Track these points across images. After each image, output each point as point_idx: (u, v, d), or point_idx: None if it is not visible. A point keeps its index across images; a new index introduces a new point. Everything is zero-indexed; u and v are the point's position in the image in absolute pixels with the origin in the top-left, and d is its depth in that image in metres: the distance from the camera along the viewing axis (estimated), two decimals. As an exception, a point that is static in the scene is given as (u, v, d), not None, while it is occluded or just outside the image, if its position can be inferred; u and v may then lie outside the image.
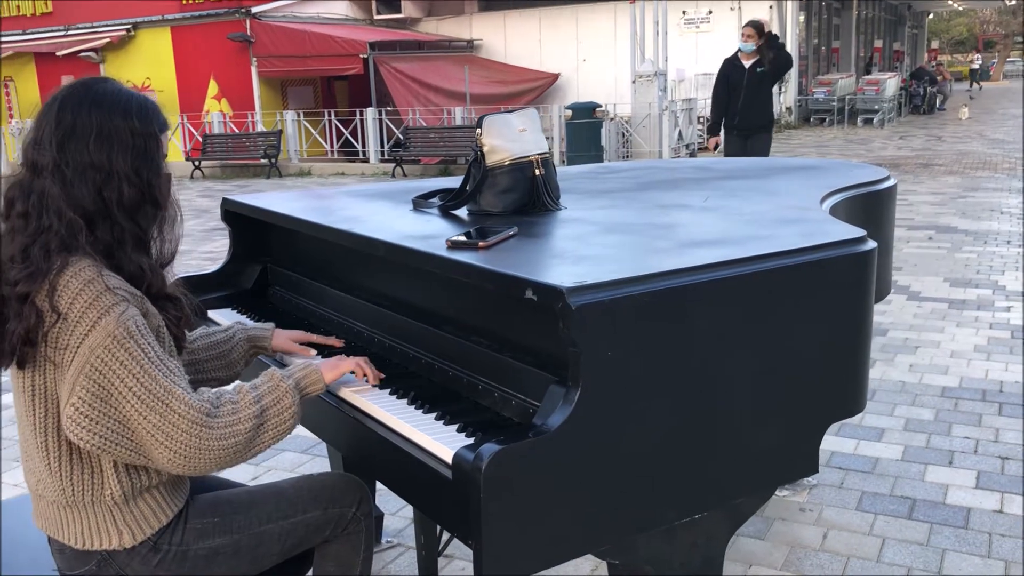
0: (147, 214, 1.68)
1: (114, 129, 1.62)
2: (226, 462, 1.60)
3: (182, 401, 1.55)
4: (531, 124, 2.23)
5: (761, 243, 1.78)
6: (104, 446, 1.54)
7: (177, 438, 1.54)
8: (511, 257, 1.71)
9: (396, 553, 2.99)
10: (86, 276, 1.55)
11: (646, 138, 15.46)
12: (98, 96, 1.64)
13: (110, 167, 1.61)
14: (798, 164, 3.29)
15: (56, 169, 1.59)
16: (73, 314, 1.53)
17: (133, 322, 1.55)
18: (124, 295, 1.57)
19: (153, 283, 1.68)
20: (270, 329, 2.10)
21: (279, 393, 1.68)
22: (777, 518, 3.13)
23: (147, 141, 1.66)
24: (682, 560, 1.66)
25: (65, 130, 1.60)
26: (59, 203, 1.58)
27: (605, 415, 1.45)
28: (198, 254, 8.44)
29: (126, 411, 1.53)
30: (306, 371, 1.75)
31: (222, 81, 19.93)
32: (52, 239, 1.56)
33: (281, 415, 1.67)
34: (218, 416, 1.58)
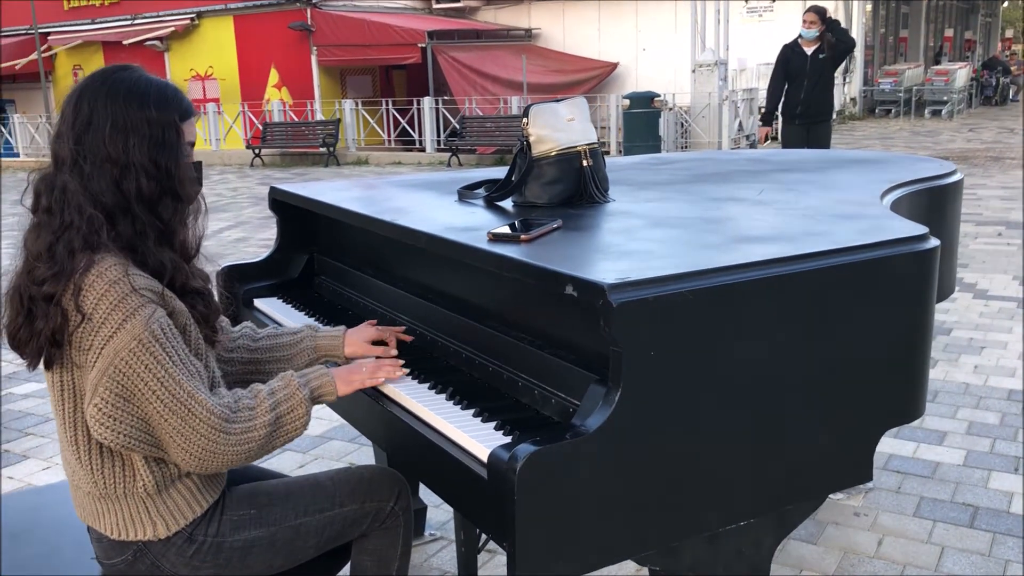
0: (168, 206, 1.63)
1: (129, 119, 1.58)
2: (237, 464, 1.62)
3: (203, 406, 1.55)
4: (580, 113, 2.17)
5: (816, 240, 1.70)
6: (127, 443, 1.54)
7: (195, 442, 1.55)
8: (553, 251, 1.66)
9: (439, 546, 2.97)
10: (111, 276, 1.52)
11: (705, 129, 15.24)
12: (114, 86, 1.60)
13: (127, 159, 1.57)
14: (858, 157, 3.18)
15: (75, 163, 1.57)
16: (98, 316, 1.51)
17: (159, 324, 1.53)
18: (150, 296, 1.55)
19: (176, 277, 1.64)
20: (340, 337, 1.97)
21: (294, 403, 1.68)
22: (830, 522, 3.03)
23: (165, 130, 1.61)
24: (726, 567, 1.60)
25: (82, 122, 1.58)
26: (79, 198, 1.55)
27: (646, 417, 1.39)
28: (255, 241, 8.54)
29: (148, 412, 1.53)
30: (322, 381, 1.75)
31: (283, 70, 20.17)
32: (75, 237, 1.54)
33: (294, 423, 1.68)
34: (235, 422, 1.59)
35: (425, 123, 17.93)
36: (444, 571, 2.82)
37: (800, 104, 7.37)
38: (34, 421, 4.32)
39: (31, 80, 23.54)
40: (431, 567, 2.85)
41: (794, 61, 7.35)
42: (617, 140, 15.19)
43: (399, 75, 21.82)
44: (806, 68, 7.30)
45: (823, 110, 7.48)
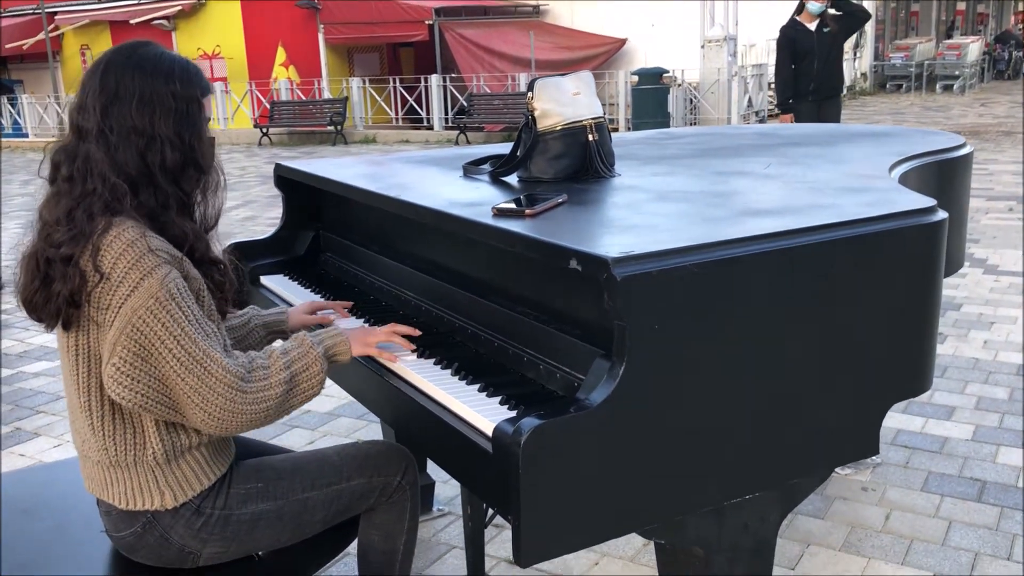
0: (190, 178, 1.68)
1: (156, 93, 1.62)
2: (255, 425, 1.62)
3: (220, 365, 1.56)
4: (585, 87, 2.15)
5: (823, 212, 1.69)
6: (144, 403, 1.55)
7: (213, 401, 1.55)
8: (558, 225, 1.66)
9: (446, 522, 2.98)
10: (129, 237, 1.55)
11: (714, 104, 15.15)
12: (140, 60, 1.63)
13: (152, 131, 1.61)
14: (867, 131, 3.15)
15: (100, 134, 1.60)
16: (116, 274, 1.54)
17: (175, 284, 1.56)
18: (166, 257, 1.58)
19: (196, 247, 1.68)
20: (285, 312, 2.11)
21: (308, 360, 1.69)
22: (838, 497, 3.04)
23: (189, 105, 1.65)
24: (732, 541, 1.60)
25: (108, 95, 1.60)
26: (103, 167, 1.59)
27: (651, 391, 1.39)
28: (263, 220, 8.54)
29: (165, 371, 1.54)
30: (336, 339, 1.76)
31: (290, 48, 20.08)
32: (96, 202, 1.57)
33: (309, 381, 1.68)
34: (251, 381, 1.60)
35: (433, 101, 17.86)
36: (452, 546, 2.83)
37: (813, 80, 7.19)
38: (45, 399, 4.35)
39: (39, 60, 23.53)
40: (439, 542, 2.87)
41: (800, 40, 7.17)
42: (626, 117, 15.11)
43: (406, 52, 21.72)
44: (814, 45, 7.13)
45: (835, 85, 7.37)
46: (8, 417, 4.14)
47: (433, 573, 2.69)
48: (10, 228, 9.45)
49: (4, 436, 3.92)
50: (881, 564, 2.64)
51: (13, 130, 22.65)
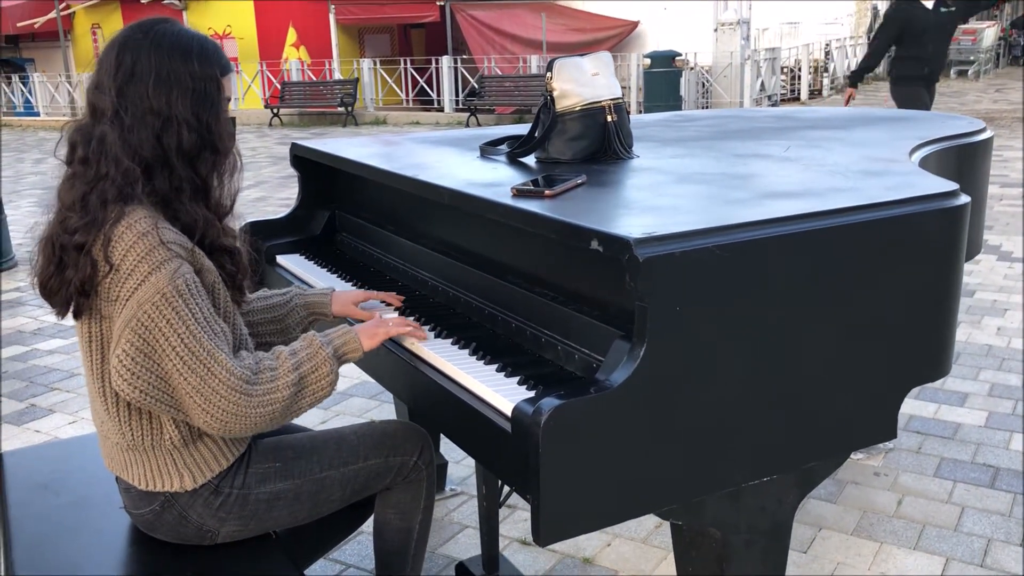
0: (206, 161, 1.64)
1: (173, 72, 1.57)
2: (261, 427, 1.58)
3: (223, 367, 1.52)
4: (604, 68, 2.14)
5: (844, 195, 1.68)
6: (144, 400, 1.53)
7: (215, 403, 1.52)
8: (578, 206, 1.65)
9: (459, 501, 3.00)
10: (141, 228, 1.52)
11: (727, 88, 15.07)
12: (157, 38, 1.59)
13: (169, 112, 1.57)
14: (886, 115, 3.13)
15: (115, 114, 1.56)
16: (125, 266, 1.51)
17: (183, 280, 1.52)
18: (178, 251, 1.54)
19: (208, 234, 1.64)
20: (329, 294, 2.01)
21: (317, 361, 1.63)
22: (850, 481, 3.04)
23: (207, 84, 1.61)
24: (749, 523, 1.61)
25: (125, 74, 1.56)
26: (117, 150, 1.55)
27: (671, 372, 1.39)
28: (274, 200, 8.55)
29: (168, 368, 1.51)
30: (345, 338, 1.70)
31: (301, 29, 20.04)
32: (109, 188, 1.54)
33: (319, 383, 1.63)
34: (257, 384, 1.55)
35: (443, 82, 17.81)
36: (464, 525, 2.85)
37: (927, 64, 6.53)
38: (59, 376, 4.38)
39: (50, 39, 23.53)
40: (451, 521, 2.88)
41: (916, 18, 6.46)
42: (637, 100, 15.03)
43: (417, 34, 21.64)
44: (931, 24, 6.47)
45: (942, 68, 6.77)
46: (23, 394, 4.17)
47: (446, 552, 2.71)
48: (23, 207, 9.48)
49: (20, 412, 3.95)
50: (893, 549, 2.65)
51: (24, 109, 22.68)
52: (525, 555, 2.67)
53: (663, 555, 2.64)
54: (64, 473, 2.07)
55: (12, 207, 9.24)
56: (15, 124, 21.71)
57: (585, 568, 2.60)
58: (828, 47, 19.03)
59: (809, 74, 17.93)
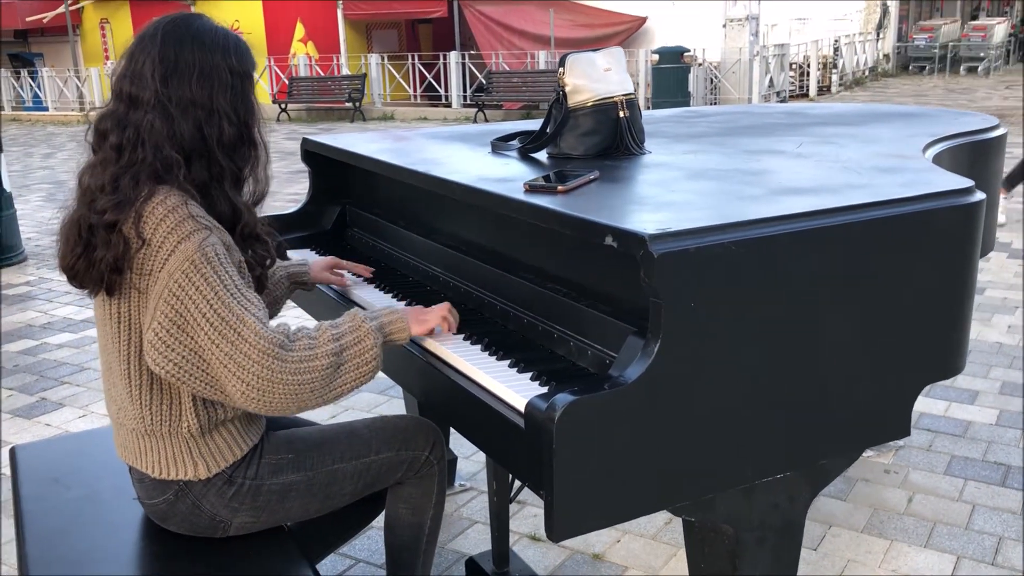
0: (243, 153, 1.69)
1: (215, 67, 1.62)
2: (303, 400, 1.55)
3: (253, 331, 1.51)
4: (616, 63, 2.14)
5: (859, 192, 1.67)
6: (179, 375, 1.53)
7: (249, 368, 1.50)
8: (591, 202, 1.65)
9: (469, 496, 3.00)
10: (170, 203, 1.55)
11: (735, 84, 15.04)
12: (198, 33, 1.63)
13: (212, 105, 1.61)
14: (898, 111, 3.12)
15: (158, 104, 1.59)
16: (156, 240, 1.54)
17: (212, 249, 1.54)
18: (205, 223, 1.57)
19: (247, 222, 1.69)
20: (306, 263, 2.13)
21: (360, 334, 1.61)
22: (860, 479, 3.03)
23: (243, 80, 1.66)
24: (761, 520, 1.60)
25: (168, 65, 1.59)
26: (159, 137, 1.58)
27: (685, 369, 1.38)
28: (282, 196, 8.56)
29: (200, 340, 1.51)
30: (391, 316, 1.69)
31: (308, 24, 20.05)
32: (144, 170, 1.57)
33: (362, 356, 1.60)
34: (292, 350, 1.54)
35: (451, 78, 17.80)
36: (474, 520, 2.85)
37: None
38: (69, 370, 4.39)
39: (59, 34, 23.57)
40: (461, 516, 2.88)
41: None
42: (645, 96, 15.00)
43: (425, 29, 21.64)
44: None
45: None
46: (33, 388, 4.18)
47: (456, 547, 2.71)
48: (32, 201, 9.51)
49: (31, 406, 3.96)
50: (903, 547, 2.64)
51: (33, 103, 22.73)
52: (535, 550, 2.67)
53: (673, 551, 2.64)
54: (76, 467, 2.08)
55: (22, 201, 9.27)
56: (24, 119, 21.77)
57: (595, 564, 2.60)
58: (837, 43, 18.98)
59: (818, 70, 17.89)
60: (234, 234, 1.67)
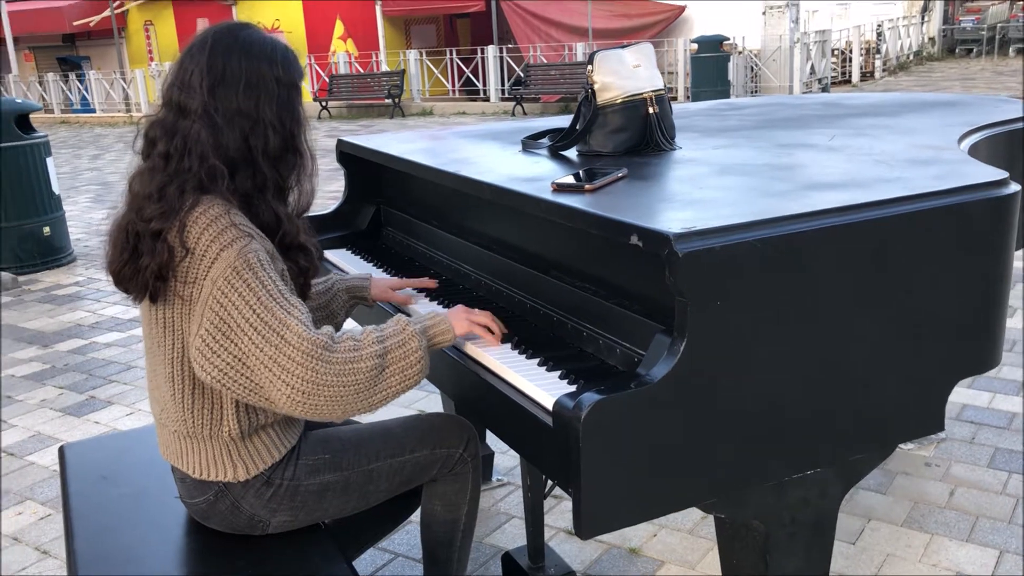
0: (288, 163, 1.71)
1: (261, 78, 1.64)
2: (348, 403, 1.55)
3: (296, 333, 1.53)
4: (646, 60, 2.14)
5: (889, 186, 1.66)
6: (224, 381, 1.55)
7: (293, 371, 1.51)
8: (618, 200, 1.65)
9: (505, 492, 3.02)
10: (213, 213, 1.58)
11: (776, 72, 14.86)
12: (246, 44, 1.65)
13: (257, 115, 1.64)
14: (936, 100, 3.07)
15: (205, 113, 1.62)
16: (199, 248, 1.57)
17: (255, 255, 1.57)
18: (247, 230, 1.60)
19: (288, 231, 1.71)
20: (368, 279, 2.09)
21: (404, 336, 1.62)
22: (900, 472, 3.00)
23: (290, 91, 1.68)
24: (792, 516, 1.60)
25: (215, 75, 1.62)
26: (204, 147, 1.61)
27: (712, 367, 1.39)
28: (322, 193, 8.60)
29: (244, 345, 1.53)
30: (435, 320, 1.70)
31: (348, 21, 20.20)
32: (190, 180, 1.60)
33: (407, 359, 1.61)
34: (336, 351, 1.54)
35: (489, 72, 17.83)
36: (511, 515, 2.87)
37: None
38: (117, 369, 4.50)
39: (105, 36, 24.02)
40: (498, 511, 2.91)
41: None
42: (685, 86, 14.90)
43: (463, 24, 21.68)
44: None
45: None
46: (82, 386, 4.29)
47: (493, 542, 2.74)
48: (80, 202, 9.72)
49: (80, 404, 4.07)
50: (945, 540, 2.61)
51: (81, 106, 23.21)
52: (571, 545, 2.69)
53: (709, 546, 2.64)
54: (123, 464, 2.14)
55: (70, 203, 9.48)
56: (72, 121, 22.23)
57: (631, 558, 2.61)
58: (880, 28, 18.66)
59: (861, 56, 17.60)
60: (276, 243, 1.68)
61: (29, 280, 6.48)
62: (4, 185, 6.43)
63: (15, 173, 6.45)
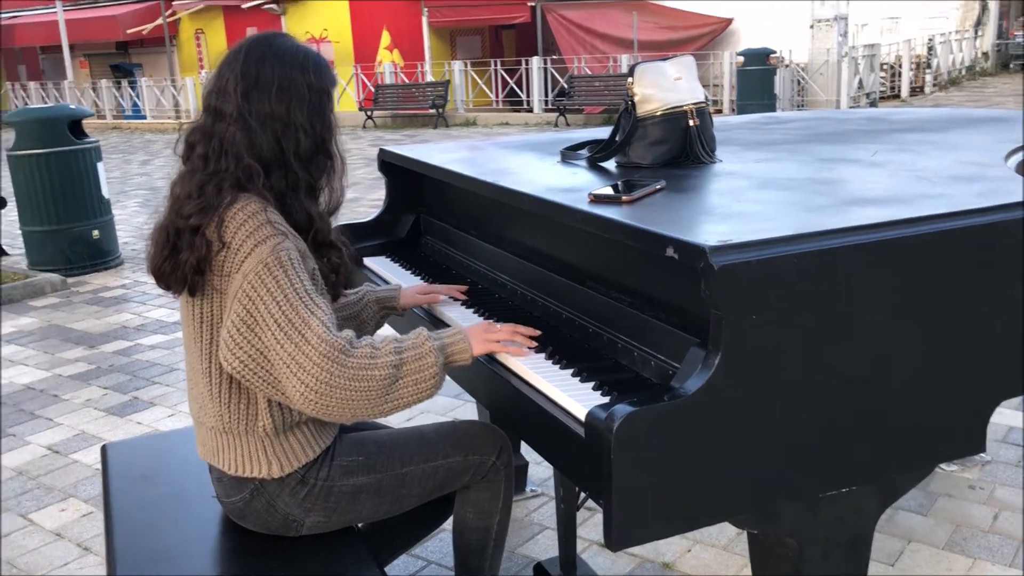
0: (319, 164, 1.77)
1: (293, 83, 1.71)
2: (358, 408, 1.59)
3: (316, 334, 1.57)
4: (687, 72, 2.13)
5: (931, 203, 1.64)
6: (245, 373, 1.61)
7: (309, 370, 1.56)
8: (655, 212, 1.65)
9: (539, 502, 3.02)
10: (250, 209, 1.64)
11: (823, 86, 14.72)
12: (279, 51, 1.72)
13: (289, 118, 1.70)
14: (985, 116, 3.02)
15: (239, 117, 1.69)
16: (235, 243, 1.62)
17: (286, 254, 1.62)
18: (283, 229, 1.65)
19: (321, 229, 1.77)
20: (397, 289, 2.15)
21: (422, 351, 1.65)
22: (943, 494, 2.94)
23: (321, 96, 1.74)
24: (827, 534, 1.58)
25: (249, 81, 1.69)
26: (239, 148, 1.67)
27: (746, 381, 1.38)
28: (366, 202, 8.73)
29: (266, 339, 1.58)
30: (455, 338, 1.72)
31: (394, 32, 20.40)
32: (227, 178, 1.66)
33: (421, 372, 1.64)
34: (352, 356, 1.58)
35: (533, 83, 17.88)
36: (544, 526, 2.87)
37: None
38: (160, 371, 4.57)
39: (156, 44, 24.51)
40: (531, 522, 2.91)
41: None
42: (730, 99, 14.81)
43: (508, 35, 21.78)
44: None
45: None
46: (126, 387, 4.37)
47: (525, 552, 2.73)
48: (129, 207, 9.91)
49: (123, 405, 4.14)
50: (987, 565, 2.56)
51: (132, 112, 23.69)
52: (603, 558, 2.67)
53: (743, 562, 2.61)
54: (162, 465, 2.18)
55: (119, 207, 9.68)
56: (124, 126, 22.70)
57: (664, 573, 2.59)
58: (931, 42, 18.39)
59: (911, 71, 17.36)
60: (308, 241, 1.74)
61: (77, 282, 6.62)
62: (56, 188, 6.58)
63: (67, 177, 6.61)
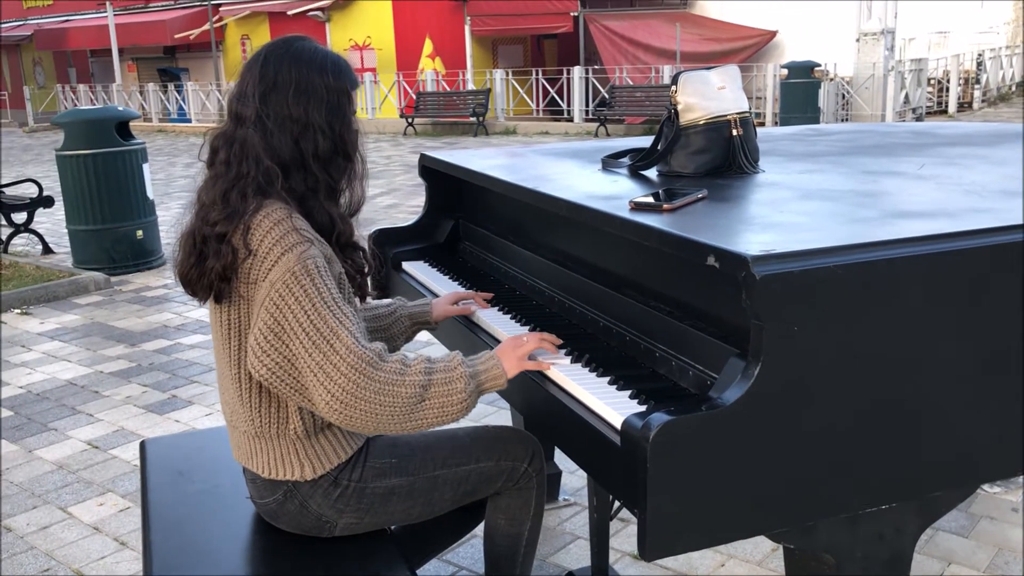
0: (338, 166, 1.77)
1: (311, 84, 1.70)
2: (381, 422, 1.59)
3: (345, 344, 1.57)
4: (731, 82, 2.12)
5: (979, 217, 1.61)
6: (272, 380, 1.61)
7: (335, 379, 1.56)
8: (696, 221, 1.64)
9: (572, 511, 3.01)
10: (277, 216, 1.64)
11: (868, 101, 14.56)
12: (297, 53, 1.72)
13: (307, 119, 1.70)
14: (1036, 130, 2.96)
15: (258, 120, 1.69)
16: (262, 250, 1.63)
17: (313, 262, 1.62)
18: (309, 236, 1.65)
19: (343, 231, 1.77)
20: (429, 303, 2.14)
21: (453, 375, 1.64)
22: (984, 516, 2.88)
23: (339, 97, 1.74)
24: (866, 551, 1.55)
25: (267, 84, 1.70)
26: (258, 151, 1.68)
27: (786, 393, 1.36)
28: (405, 207, 8.78)
29: (294, 348, 1.59)
30: (488, 364, 1.69)
31: (437, 40, 20.51)
32: (250, 183, 1.67)
33: (448, 396, 1.62)
34: (380, 369, 1.58)
35: (574, 92, 17.88)
36: (576, 536, 2.85)
37: None
38: (199, 370, 4.63)
39: (203, 49, 24.91)
40: (564, 531, 2.89)
41: None
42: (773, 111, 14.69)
43: (550, 44, 21.80)
44: None
45: None
46: (165, 385, 4.43)
47: (557, 561, 2.72)
48: (172, 208, 10.06)
49: (162, 403, 4.20)
50: (1029, 590, 2.50)
51: (178, 115, 24.07)
52: (636, 570, 2.65)
53: (778, 579, 2.57)
54: (199, 462, 2.20)
55: (163, 208, 9.82)
56: (169, 129, 23.07)
57: (697, 587, 2.56)
58: (981, 57, 18.10)
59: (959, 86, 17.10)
60: (332, 243, 1.75)
61: (120, 281, 6.73)
62: (102, 188, 6.70)
63: (113, 177, 6.73)
